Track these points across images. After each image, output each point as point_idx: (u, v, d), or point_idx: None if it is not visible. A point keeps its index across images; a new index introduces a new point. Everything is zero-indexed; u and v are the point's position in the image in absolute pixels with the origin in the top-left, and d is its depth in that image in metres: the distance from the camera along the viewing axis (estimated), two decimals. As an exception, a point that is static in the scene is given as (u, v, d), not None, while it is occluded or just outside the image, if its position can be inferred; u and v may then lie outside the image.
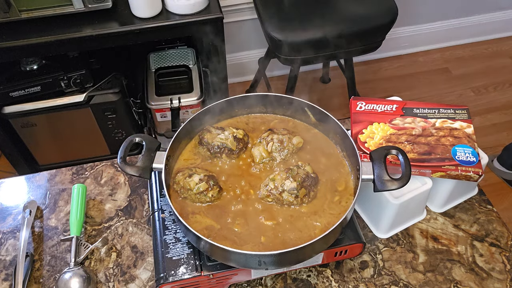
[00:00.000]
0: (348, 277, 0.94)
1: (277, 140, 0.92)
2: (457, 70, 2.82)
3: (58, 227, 1.03)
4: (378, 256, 0.97)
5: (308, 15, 1.81)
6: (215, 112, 0.96)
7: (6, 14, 1.44)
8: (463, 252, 0.98)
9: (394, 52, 2.86)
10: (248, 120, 1.00)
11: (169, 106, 1.81)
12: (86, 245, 0.97)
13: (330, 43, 1.82)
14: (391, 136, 0.97)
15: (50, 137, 1.90)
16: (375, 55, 2.81)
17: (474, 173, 0.91)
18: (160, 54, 1.96)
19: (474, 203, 1.06)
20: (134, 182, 1.10)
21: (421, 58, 2.87)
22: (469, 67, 2.85)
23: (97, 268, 0.96)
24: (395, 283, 0.93)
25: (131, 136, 0.86)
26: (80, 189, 1.03)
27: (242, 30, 2.42)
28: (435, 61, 2.87)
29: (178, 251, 0.86)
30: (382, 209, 0.95)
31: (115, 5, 1.54)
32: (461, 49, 2.94)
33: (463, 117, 1.00)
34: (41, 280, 0.94)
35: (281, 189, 0.84)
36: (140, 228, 1.02)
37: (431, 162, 0.92)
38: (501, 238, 1.00)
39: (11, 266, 0.97)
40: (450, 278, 0.94)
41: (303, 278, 0.94)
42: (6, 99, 1.69)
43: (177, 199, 0.87)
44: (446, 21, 2.81)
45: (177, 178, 0.87)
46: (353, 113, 1.02)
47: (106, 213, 1.05)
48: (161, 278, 0.83)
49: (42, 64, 1.72)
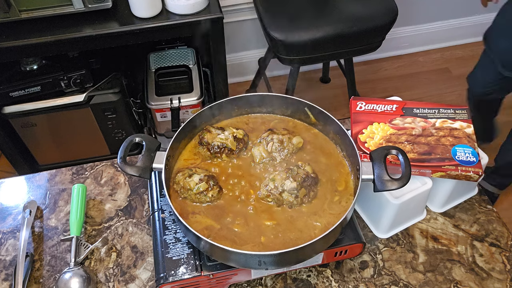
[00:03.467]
0: (348, 277, 0.94)
1: (277, 140, 0.92)
2: (457, 70, 2.82)
3: (58, 227, 1.03)
4: (378, 256, 0.97)
5: (308, 15, 1.81)
6: (215, 112, 0.96)
7: (6, 14, 1.44)
8: (463, 252, 0.98)
9: (394, 52, 2.86)
10: (248, 120, 1.00)
11: (169, 106, 1.81)
12: (86, 245, 0.97)
13: (330, 43, 1.82)
14: (391, 136, 0.97)
15: (50, 137, 1.90)
16: (375, 55, 2.81)
17: (474, 173, 0.91)
18: (160, 54, 1.96)
19: (474, 203, 1.06)
20: (134, 182, 1.10)
21: (421, 58, 2.87)
22: (469, 67, 2.83)
23: (97, 268, 0.96)
24: (395, 283, 0.93)
25: (131, 136, 0.86)
26: (80, 189, 1.03)
27: (242, 30, 2.42)
28: (435, 61, 2.87)
29: (178, 251, 0.86)
30: (382, 209, 0.95)
31: (115, 5, 1.54)
32: (461, 49, 2.93)
33: (463, 117, 1.00)
34: (41, 280, 0.94)
35: (281, 189, 0.84)
36: (140, 228, 1.02)
37: (431, 162, 0.92)
38: (501, 238, 1.00)
39: (11, 266, 0.97)
40: (450, 278, 0.94)
41: (303, 278, 0.94)
42: (6, 99, 1.69)
43: (177, 199, 0.87)
44: (446, 21, 2.81)
45: (177, 178, 0.87)
46: (353, 113, 1.02)
47: (106, 213, 1.05)
48: (161, 278, 0.83)
49: (42, 64, 1.72)
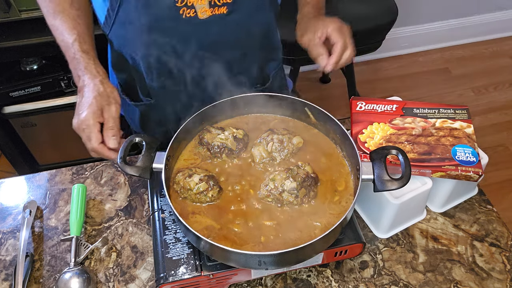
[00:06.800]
0: (348, 277, 0.94)
1: (277, 140, 0.91)
2: (457, 70, 2.82)
3: (58, 227, 1.03)
4: (378, 256, 0.97)
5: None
6: (215, 112, 0.96)
7: (6, 14, 1.44)
8: (463, 252, 0.98)
9: (394, 52, 2.86)
10: (248, 120, 1.00)
11: (169, 106, 1.80)
12: (86, 245, 0.97)
13: (330, 43, 1.81)
14: (391, 136, 0.97)
15: (50, 137, 1.90)
16: (375, 55, 2.81)
17: (474, 173, 0.91)
18: (160, 54, 1.95)
19: (474, 203, 1.06)
20: (134, 182, 1.10)
21: (421, 58, 2.88)
22: (469, 67, 2.85)
23: (97, 268, 0.96)
24: (395, 283, 0.93)
25: (131, 136, 0.86)
26: (80, 189, 1.03)
27: (242, 30, 2.41)
28: (435, 61, 2.87)
29: (178, 251, 0.86)
30: (382, 209, 0.95)
31: (115, 5, 1.54)
32: (461, 49, 2.94)
33: (463, 117, 1.00)
34: (41, 280, 0.94)
35: (281, 189, 0.84)
36: (140, 228, 1.02)
37: (431, 162, 0.92)
38: (501, 238, 1.00)
39: (11, 266, 0.97)
40: (450, 278, 0.94)
41: (303, 278, 0.94)
42: (6, 99, 1.69)
43: (177, 199, 0.87)
44: (446, 21, 2.82)
45: (177, 178, 0.87)
46: (353, 113, 1.02)
47: (106, 213, 1.05)
48: (161, 278, 0.83)
49: (42, 64, 1.72)
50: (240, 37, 1.02)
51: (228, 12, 0.96)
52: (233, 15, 0.96)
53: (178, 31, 0.96)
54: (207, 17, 0.95)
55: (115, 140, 0.85)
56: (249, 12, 0.99)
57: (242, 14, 0.98)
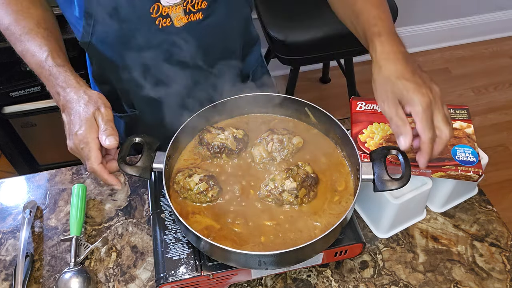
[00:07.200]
0: (348, 277, 0.94)
1: (277, 140, 0.91)
2: (457, 70, 2.82)
3: (58, 227, 1.03)
4: (378, 256, 0.97)
5: (308, 15, 1.81)
6: (215, 112, 0.96)
7: (6, 14, 1.44)
8: (463, 252, 0.98)
9: (394, 52, 2.86)
10: (248, 120, 1.00)
11: (169, 106, 1.80)
12: (86, 245, 0.97)
13: (330, 43, 1.82)
14: (391, 136, 0.97)
15: (50, 137, 1.90)
16: (375, 55, 2.80)
17: (474, 173, 0.91)
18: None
19: (474, 203, 1.06)
20: (134, 182, 1.10)
21: (421, 58, 2.87)
22: (469, 67, 2.85)
23: (97, 268, 0.96)
24: (395, 283, 0.93)
25: (131, 136, 0.86)
26: (80, 189, 1.03)
27: (242, 30, 2.41)
28: (435, 61, 2.87)
29: (178, 251, 0.86)
30: (382, 209, 0.95)
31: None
32: (461, 49, 2.94)
33: (463, 117, 1.00)
34: (41, 280, 0.94)
35: (281, 189, 0.84)
36: (140, 228, 1.02)
37: (431, 162, 0.92)
38: (501, 238, 1.00)
39: (11, 266, 0.97)
40: (450, 278, 0.94)
41: (303, 278, 0.94)
42: (6, 99, 1.69)
43: (177, 199, 0.87)
44: (446, 21, 2.82)
45: (177, 178, 0.87)
46: (353, 113, 1.02)
47: (106, 213, 1.05)
48: (161, 278, 0.83)
49: (42, 64, 1.72)
50: (219, 38, 1.01)
51: (204, 18, 0.95)
52: (209, 19, 0.95)
53: (156, 41, 0.95)
54: (183, 24, 0.93)
55: (112, 138, 0.80)
56: (225, 13, 0.98)
57: (218, 17, 0.96)
